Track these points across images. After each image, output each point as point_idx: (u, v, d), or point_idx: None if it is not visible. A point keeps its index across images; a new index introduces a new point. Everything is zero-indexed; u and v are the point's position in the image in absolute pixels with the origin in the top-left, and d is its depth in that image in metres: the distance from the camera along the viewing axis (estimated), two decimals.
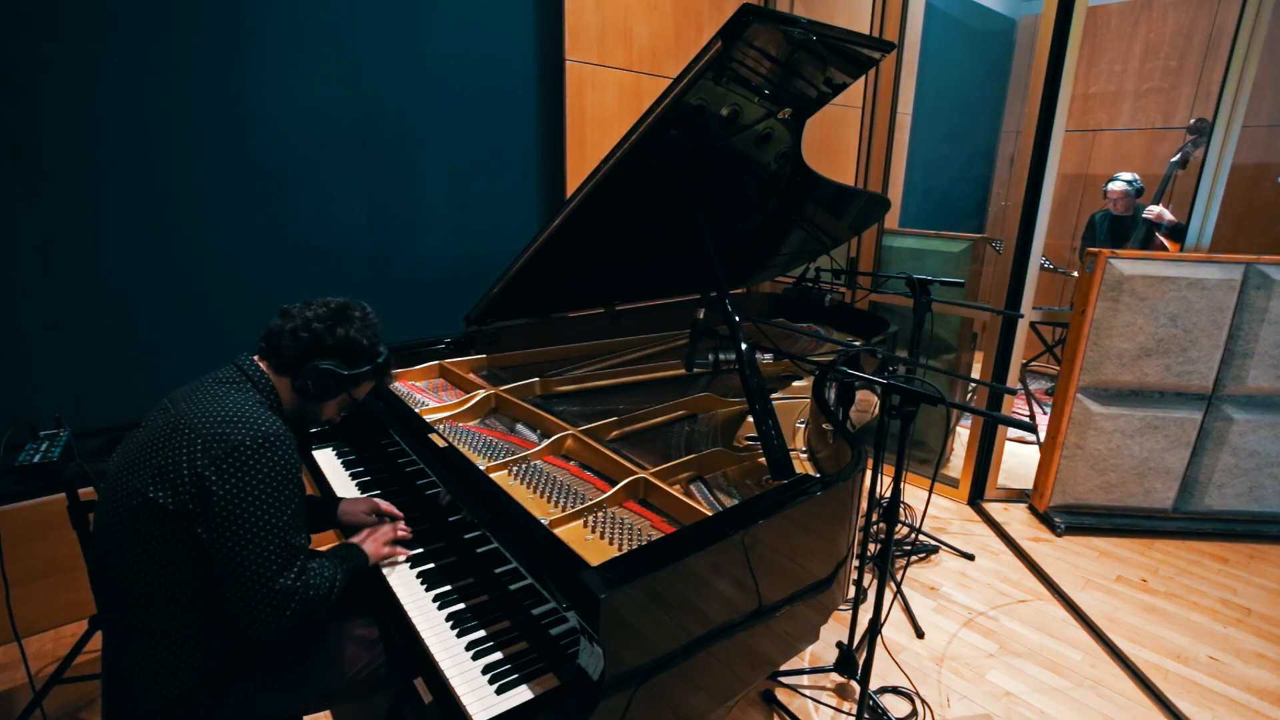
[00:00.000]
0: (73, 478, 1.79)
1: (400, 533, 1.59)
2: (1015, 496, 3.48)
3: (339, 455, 2.05)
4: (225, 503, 1.18)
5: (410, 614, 1.40)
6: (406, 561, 1.55)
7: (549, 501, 1.58)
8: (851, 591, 1.87)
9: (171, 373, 2.41)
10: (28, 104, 2.06)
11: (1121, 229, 4.16)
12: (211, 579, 1.22)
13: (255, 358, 1.39)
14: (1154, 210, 3.89)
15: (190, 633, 1.25)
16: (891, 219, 3.89)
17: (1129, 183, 4.06)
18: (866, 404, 2.38)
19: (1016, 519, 3.30)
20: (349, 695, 1.46)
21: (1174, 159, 4.06)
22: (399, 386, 2.16)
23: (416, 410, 1.91)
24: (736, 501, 1.59)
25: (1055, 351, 4.47)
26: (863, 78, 2.28)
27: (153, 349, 2.38)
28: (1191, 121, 4.18)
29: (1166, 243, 3.84)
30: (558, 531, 1.39)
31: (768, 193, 2.39)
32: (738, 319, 1.67)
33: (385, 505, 1.70)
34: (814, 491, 1.43)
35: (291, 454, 1.27)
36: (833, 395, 1.83)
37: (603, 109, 3.34)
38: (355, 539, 1.53)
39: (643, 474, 1.59)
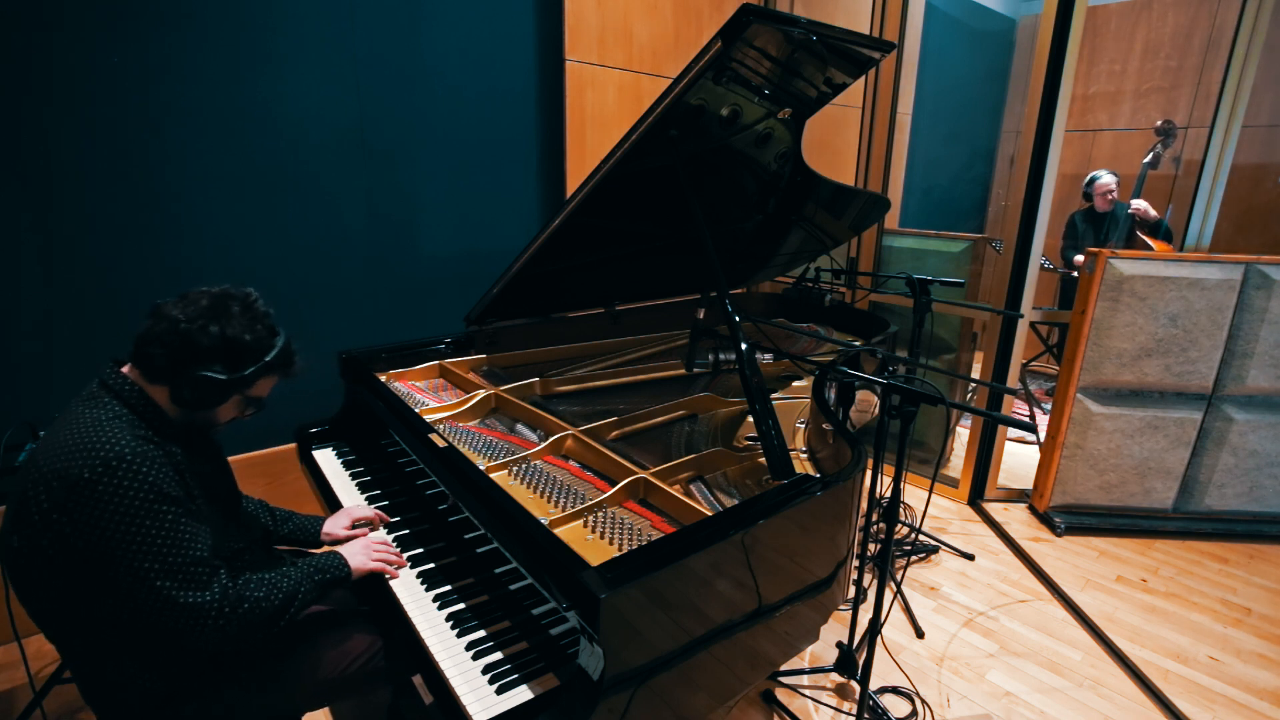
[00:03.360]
0: None
1: (390, 552, 1.52)
2: (1015, 496, 3.48)
3: (339, 455, 2.05)
4: (84, 541, 1.08)
5: (410, 614, 1.40)
6: (420, 578, 1.50)
7: (549, 501, 1.58)
8: (851, 591, 1.87)
9: None
10: (28, 104, 2.06)
11: (1101, 226, 4.17)
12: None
13: (127, 366, 1.25)
14: (1138, 205, 3.92)
15: (137, 650, 1.20)
16: (891, 219, 3.89)
17: (1112, 176, 4.10)
18: (866, 404, 2.38)
19: (1016, 519, 3.30)
20: (348, 694, 1.46)
21: (1145, 160, 4.17)
22: (399, 386, 2.16)
23: (416, 410, 1.91)
24: (736, 501, 1.59)
25: (1054, 351, 4.49)
26: (863, 78, 2.28)
27: None
28: (1158, 124, 4.29)
29: (1150, 241, 3.85)
30: (558, 531, 1.39)
31: (768, 193, 2.39)
32: (738, 319, 1.67)
33: (360, 513, 1.67)
34: (814, 491, 1.43)
35: (144, 471, 1.12)
36: (833, 395, 1.83)
37: (603, 109, 3.34)
38: (345, 546, 1.47)
39: (643, 474, 1.59)
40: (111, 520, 1.09)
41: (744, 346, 1.62)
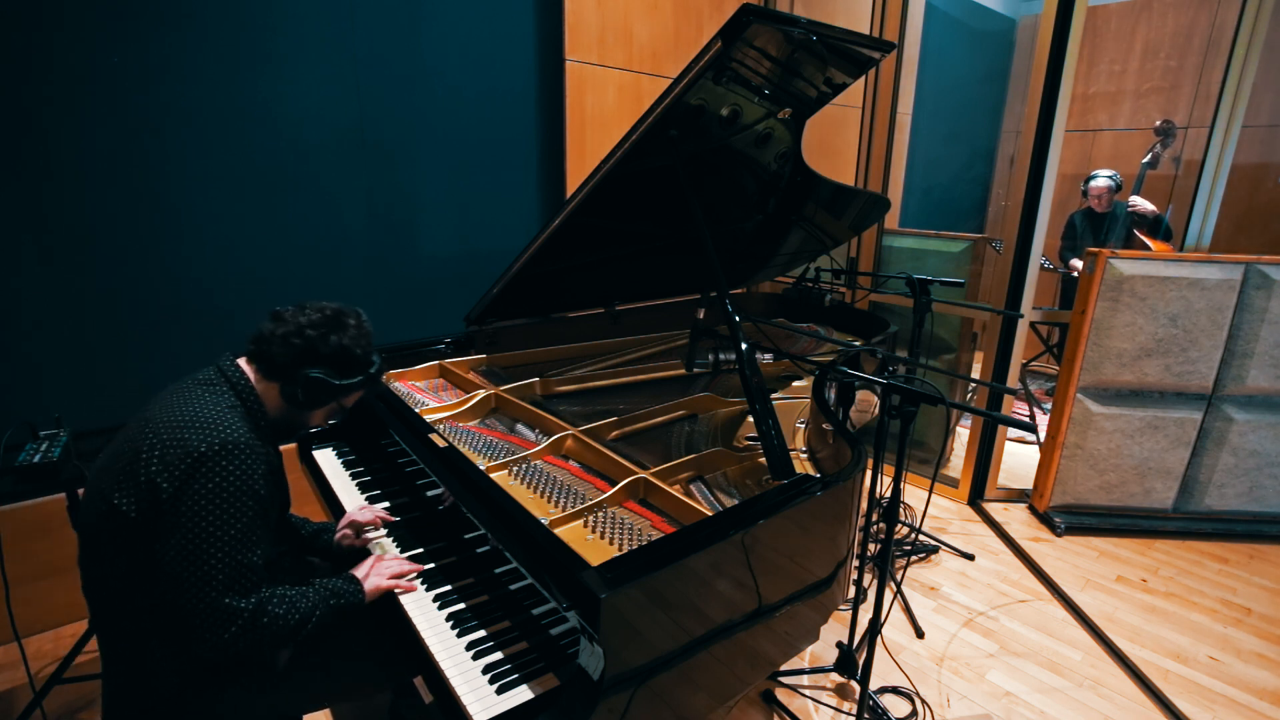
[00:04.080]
0: (72, 478, 1.79)
1: (404, 567, 1.50)
2: (1015, 496, 3.48)
3: (339, 455, 2.05)
4: (171, 509, 1.14)
5: (410, 614, 1.40)
6: (422, 582, 1.49)
7: (549, 501, 1.58)
8: (851, 591, 1.87)
9: (171, 372, 2.38)
10: (29, 104, 2.06)
11: (1100, 226, 4.17)
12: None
13: (241, 360, 1.34)
14: (1138, 203, 3.93)
15: (168, 637, 1.22)
16: (891, 219, 3.89)
17: (1110, 178, 4.10)
18: (866, 404, 2.38)
19: (1016, 519, 3.30)
20: (349, 695, 1.46)
21: (1145, 160, 4.18)
22: (399, 386, 2.16)
23: (416, 410, 1.91)
24: (736, 501, 1.59)
25: (1054, 351, 4.49)
26: (863, 78, 2.28)
27: (153, 348, 2.38)
28: (1158, 123, 4.30)
29: (1148, 240, 3.86)
30: (558, 531, 1.39)
31: (768, 193, 2.39)
32: (738, 319, 1.67)
33: (362, 517, 1.66)
34: (814, 491, 1.43)
35: (250, 464, 1.21)
36: (833, 395, 1.83)
37: (603, 109, 3.34)
38: (358, 568, 1.45)
39: (643, 474, 1.59)
40: (206, 493, 1.16)
41: (744, 346, 1.62)
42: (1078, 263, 3.99)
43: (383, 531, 1.68)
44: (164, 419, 1.21)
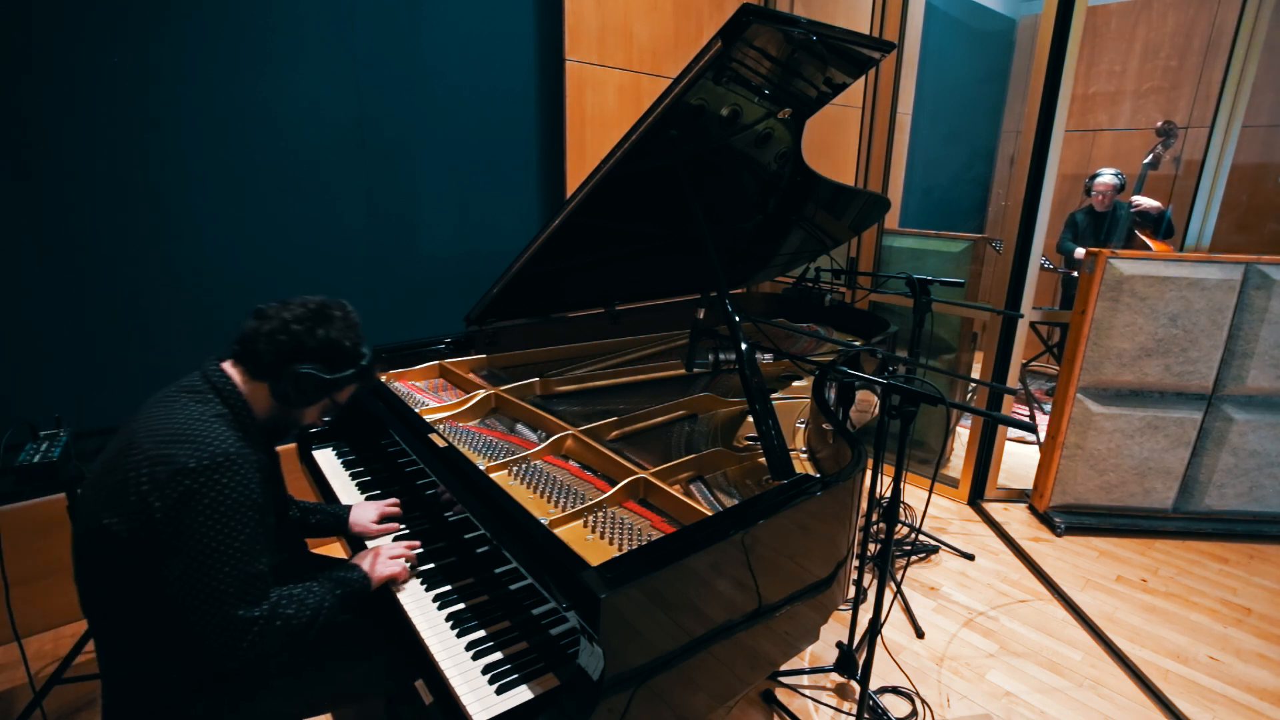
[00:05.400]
0: (72, 478, 1.79)
1: (406, 551, 1.50)
2: (1015, 496, 3.48)
3: (339, 455, 2.05)
4: (169, 530, 1.12)
5: (410, 614, 1.40)
6: (419, 578, 1.49)
7: (549, 501, 1.58)
8: (851, 591, 1.87)
9: (171, 372, 2.39)
10: (29, 104, 2.06)
11: (1101, 225, 4.18)
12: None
13: (228, 363, 1.30)
14: (1141, 201, 3.94)
15: (170, 648, 1.21)
16: (891, 219, 3.89)
17: (1115, 176, 4.12)
18: (866, 404, 2.38)
19: (1016, 519, 3.30)
20: (349, 698, 1.46)
21: (1146, 160, 4.19)
22: (399, 386, 2.16)
23: (416, 410, 1.91)
24: (736, 501, 1.59)
25: (1054, 351, 4.49)
26: (863, 78, 2.28)
27: (152, 348, 2.38)
28: (1159, 124, 4.30)
29: (1149, 241, 3.86)
30: (558, 531, 1.39)
31: (768, 193, 2.39)
32: (738, 319, 1.67)
33: (390, 508, 1.69)
34: (814, 491, 1.43)
35: (244, 475, 1.18)
36: (833, 395, 1.83)
37: (603, 109, 3.34)
38: (359, 557, 1.46)
39: (643, 474, 1.59)
40: (203, 510, 1.13)
41: (744, 346, 1.62)
42: (1080, 251, 3.98)
43: (387, 539, 1.67)
44: (149, 433, 1.17)
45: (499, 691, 1.20)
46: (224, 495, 1.15)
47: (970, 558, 2.94)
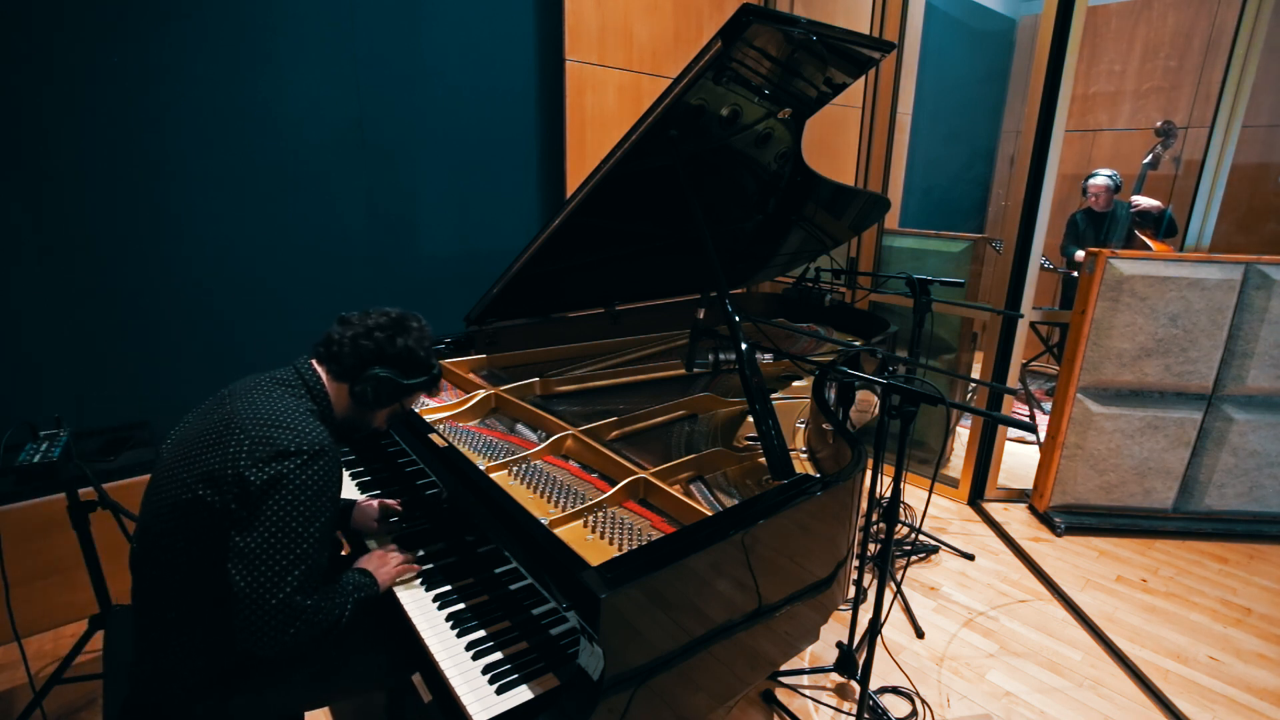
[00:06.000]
0: (72, 478, 1.79)
1: (407, 567, 1.51)
2: (1015, 496, 3.48)
3: None
4: (258, 503, 1.17)
5: (410, 614, 1.40)
6: (419, 578, 1.51)
7: (549, 501, 1.58)
8: (851, 591, 1.87)
9: (171, 372, 2.41)
10: (29, 104, 2.06)
11: (1101, 225, 4.18)
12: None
13: (313, 362, 1.39)
14: (1141, 201, 3.94)
15: (204, 640, 1.25)
16: (891, 219, 3.89)
17: (1109, 177, 4.10)
18: (866, 404, 2.38)
19: (1016, 519, 3.30)
20: (349, 693, 1.46)
21: (1146, 160, 4.19)
22: None
23: (416, 410, 1.91)
24: (736, 501, 1.59)
25: (1054, 351, 4.48)
26: (863, 78, 2.28)
27: (152, 348, 2.38)
28: (1159, 124, 4.31)
29: (1149, 241, 3.86)
30: (558, 531, 1.39)
31: (768, 193, 2.39)
32: (738, 319, 1.67)
33: (391, 503, 1.71)
34: (814, 491, 1.43)
35: (334, 470, 1.26)
36: (833, 395, 1.83)
37: (603, 109, 3.34)
38: (365, 562, 1.47)
39: (643, 474, 1.59)
40: (293, 492, 1.19)
41: (744, 346, 1.62)
42: (1081, 254, 3.99)
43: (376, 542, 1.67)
44: (250, 416, 1.24)
45: (499, 691, 1.21)
46: (313, 483, 1.21)
47: (970, 558, 2.94)
